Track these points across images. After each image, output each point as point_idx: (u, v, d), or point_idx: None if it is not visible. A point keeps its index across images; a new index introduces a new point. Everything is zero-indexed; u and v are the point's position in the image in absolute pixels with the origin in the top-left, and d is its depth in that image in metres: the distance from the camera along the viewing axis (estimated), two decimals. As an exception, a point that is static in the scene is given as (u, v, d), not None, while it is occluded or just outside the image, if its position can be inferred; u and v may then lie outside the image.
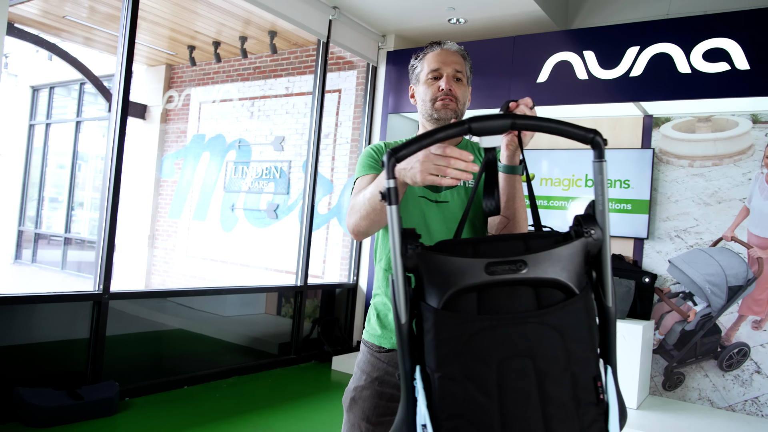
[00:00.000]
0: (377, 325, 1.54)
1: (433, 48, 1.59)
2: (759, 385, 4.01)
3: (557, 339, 0.97)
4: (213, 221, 6.97)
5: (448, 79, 1.55)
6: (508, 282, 0.97)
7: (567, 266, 1.02)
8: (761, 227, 4.07)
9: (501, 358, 0.96)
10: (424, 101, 1.58)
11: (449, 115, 1.55)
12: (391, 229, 0.99)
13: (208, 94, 7.24)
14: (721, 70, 3.78)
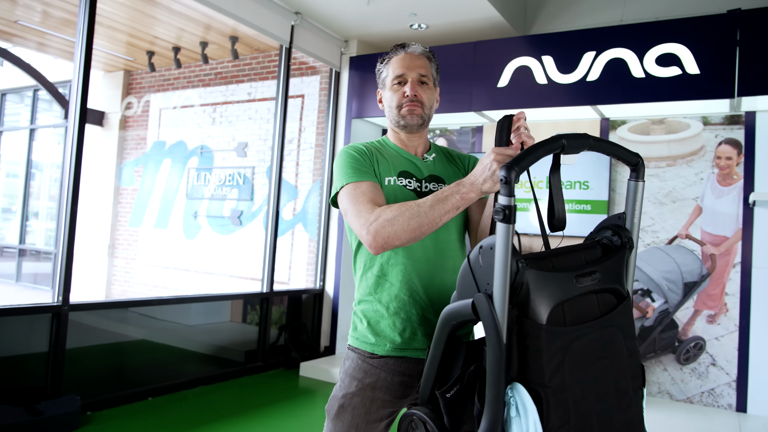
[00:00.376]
0: (368, 332, 1.51)
1: (398, 52, 1.58)
2: (715, 377, 4.16)
3: (621, 338, 1.12)
4: (175, 229, 6.85)
5: (413, 84, 1.54)
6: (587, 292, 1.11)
7: (619, 273, 1.18)
8: (713, 225, 4.23)
9: (591, 362, 1.08)
10: (390, 107, 1.58)
11: (416, 121, 1.55)
12: (505, 248, 1.03)
13: (169, 100, 7.12)
14: (672, 75, 3.92)
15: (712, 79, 3.80)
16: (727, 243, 4.18)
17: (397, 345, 1.47)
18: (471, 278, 1.13)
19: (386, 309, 1.48)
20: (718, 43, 3.80)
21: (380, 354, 1.48)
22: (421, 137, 1.62)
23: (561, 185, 1.24)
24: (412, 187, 1.52)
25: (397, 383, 1.47)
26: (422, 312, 1.47)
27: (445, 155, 1.66)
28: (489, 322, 1.05)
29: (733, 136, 4.21)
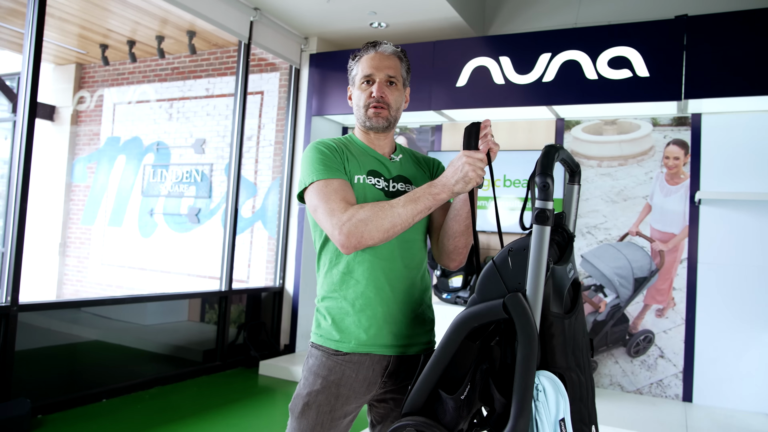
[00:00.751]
0: (333, 329, 1.51)
1: (369, 50, 1.58)
2: (663, 369, 4.33)
3: (583, 317, 1.35)
4: (130, 227, 6.70)
5: (380, 85, 1.54)
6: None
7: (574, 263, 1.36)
8: (662, 222, 4.40)
9: (580, 342, 1.28)
10: (357, 106, 1.58)
11: (381, 124, 1.56)
12: (541, 248, 1.14)
13: (123, 94, 6.95)
14: (624, 77, 4.05)
15: (661, 82, 3.95)
16: (675, 240, 4.35)
17: (363, 342, 1.48)
18: (498, 280, 1.20)
19: (352, 306, 1.49)
20: (666, 48, 3.95)
21: (345, 351, 1.49)
22: (388, 137, 1.63)
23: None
24: (380, 187, 1.53)
25: (362, 379, 1.49)
26: (388, 309, 1.49)
27: (410, 157, 1.68)
28: (525, 319, 1.13)
29: (681, 137, 4.38)
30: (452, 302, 4.59)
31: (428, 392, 1.27)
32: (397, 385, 1.53)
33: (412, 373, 1.49)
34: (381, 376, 1.50)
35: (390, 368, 1.50)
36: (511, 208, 4.79)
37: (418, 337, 1.55)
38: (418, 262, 1.56)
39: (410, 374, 1.50)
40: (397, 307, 1.50)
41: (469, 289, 4.47)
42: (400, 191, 1.55)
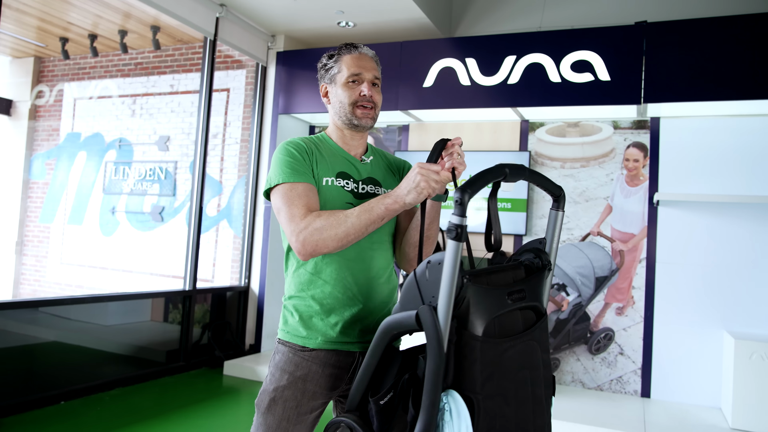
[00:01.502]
0: (300, 326, 1.52)
1: (350, 51, 1.60)
2: (622, 366, 4.44)
3: (539, 351, 1.25)
4: (91, 225, 6.54)
5: (369, 84, 1.58)
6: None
7: (540, 292, 1.31)
8: (622, 223, 4.51)
9: (515, 372, 1.20)
10: (342, 104, 1.58)
11: (369, 124, 1.59)
12: (453, 264, 1.11)
13: (84, 89, 6.78)
14: (586, 81, 4.15)
15: (621, 86, 4.05)
16: (634, 240, 4.47)
17: (330, 339, 1.50)
18: (416, 291, 1.20)
19: (320, 305, 1.51)
20: (626, 53, 4.05)
21: (311, 347, 1.50)
22: (363, 137, 1.65)
23: (498, 209, 1.39)
24: (349, 188, 1.54)
25: (328, 375, 1.50)
26: (355, 310, 1.51)
27: (381, 158, 1.69)
28: (432, 333, 1.12)
29: (640, 139, 4.50)
30: (418, 301, 4.61)
31: (362, 392, 1.30)
32: None
33: None
34: (347, 372, 1.52)
35: (356, 365, 1.52)
36: (477, 208, 4.85)
37: None
38: (386, 263, 1.58)
39: None
40: (365, 306, 1.52)
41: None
42: (369, 193, 1.57)
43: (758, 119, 4.17)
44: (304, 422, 1.49)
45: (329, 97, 1.63)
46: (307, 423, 1.50)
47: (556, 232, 1.39)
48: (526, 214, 4.69)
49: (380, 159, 1.68)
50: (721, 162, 4.24)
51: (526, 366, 1.22)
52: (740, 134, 4.22)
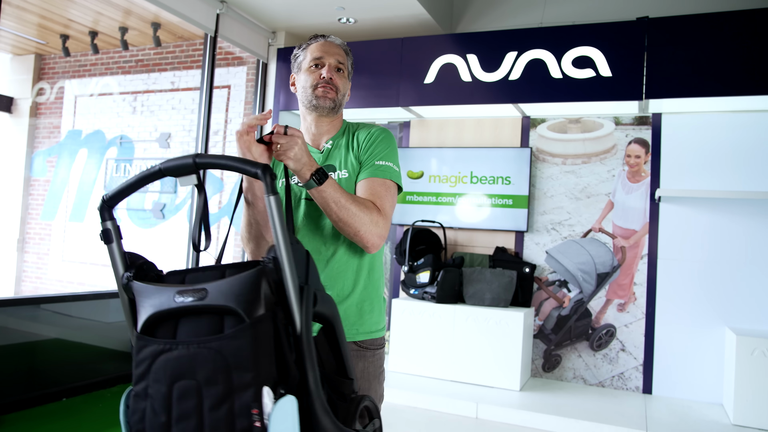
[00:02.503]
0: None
1: (317, 39, 1.64)
2: (624, 362, 4.44)
3: (219, 364, 1.00)
4: (92, 223, 6.54)
5: (330, 68, 1.59)
6: (195, 309, 1.03)
7: (244, 294, 1.04)
8: (623, 219, 4.50)
9: (172, 379, 1.02)
10: (304, 88, 1.60)
11: (328, 104, 1.58)
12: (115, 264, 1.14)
13: (85, 87, 6.78)
14: (587, 76, 4.13)
15: (623, 82, 4.04)
16: (636, 236, 4.46)
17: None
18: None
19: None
20: (628, 48, 4.04)
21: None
22: (331, 122, 1.64)
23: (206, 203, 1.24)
24: (295, 181, 1.56)
25: None
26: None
27: (349, 133, 1.64)
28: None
29: (642, 135, 4.49)
30: (419, 298, 4.62)
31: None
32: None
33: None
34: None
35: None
36: (478, 204, 4.84)
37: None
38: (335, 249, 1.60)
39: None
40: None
41: (436, 284, 4.50)
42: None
43: (761, 115, 4.16)
44: None
45: (296, 86, 1.65)
46: None
47: (275, 219, 1.08)
48: (528, 210, 4.68)
49: (348, 136, 1.63)
50: (723, 158, 4.23)
51: (193, 377, 1.02)
52: (743, 130, 4.20)
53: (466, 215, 4.90)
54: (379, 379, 1.61)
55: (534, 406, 3.92)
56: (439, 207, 4.96)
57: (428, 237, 4.96)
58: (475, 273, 4.49)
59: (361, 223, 1.43)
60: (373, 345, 1.60)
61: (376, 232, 1.46)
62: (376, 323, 1.62)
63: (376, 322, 1.61)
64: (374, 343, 1.60)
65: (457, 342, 4.37)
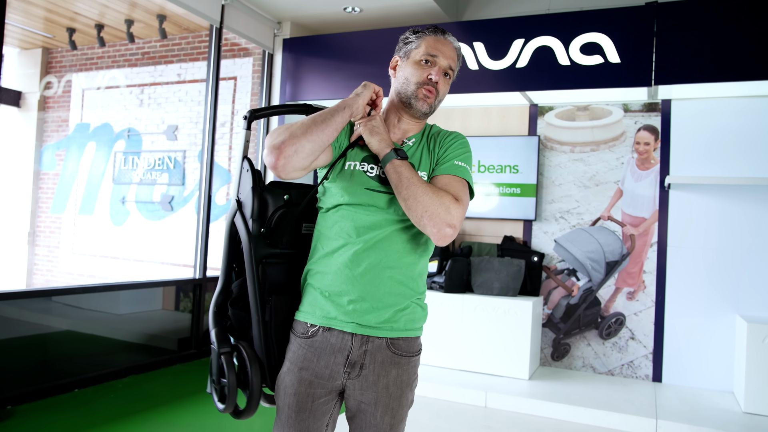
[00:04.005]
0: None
1: (436, 33, 1.55)
2: (633, 350, 4.42)
3: None
4: (102, 215, 6.58)
5: (440, 71, 1.52)
6: None
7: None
8: (632, 207, 4.47)
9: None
10: (407, 80, 1.53)
11: (425, 109, 1.51)
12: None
13: (92, 80, 6.79)
14: (595, 63, 4.09)
15: (632, 68, 4.00)
16: (645, 224, 4.43)
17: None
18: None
19: None
20: (636, 34, 3.99)
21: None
22: (415, 123, 1.57)
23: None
24: (373, 174, 1.48)
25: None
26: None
27: (429, 136, 1.58)
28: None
29: (651, 122, 4.45)
30: (428, 287, 4.62)
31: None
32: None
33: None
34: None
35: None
36: (486, 194, 4.82)
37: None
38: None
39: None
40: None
41: (444, 274, 4.49)
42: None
43: (772, 100, 4.11)
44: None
45: (396, 71, 1.58)
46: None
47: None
48: (536, 199, 4.66)
49: (428, 139, 1.57)
50: (734, 144, 4.18)
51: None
52: (754, 116, 4.15)
53: (474, 204, 4.88)
54: (412, 386, 1.52)
55: (543, 394, 3.92)
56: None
57: (436, 227, 4.95)
58: (483, 262, 4.48)
59: (430, 204, 1.36)
60: (409, 351, 1.49)
61: (447, 219, 1.36)
62: (412, 320, 1.50)
63: (413, 319, 1.50)
64: (411, 348, 1.50)
65: (465, 331, 4.37)
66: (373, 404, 1.45)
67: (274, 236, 1.51)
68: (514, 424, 3.62)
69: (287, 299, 1.52)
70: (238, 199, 1.50)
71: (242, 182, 1.50)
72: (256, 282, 1.44)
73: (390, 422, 1.47)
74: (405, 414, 1.52)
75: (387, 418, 1.46)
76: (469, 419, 3.67)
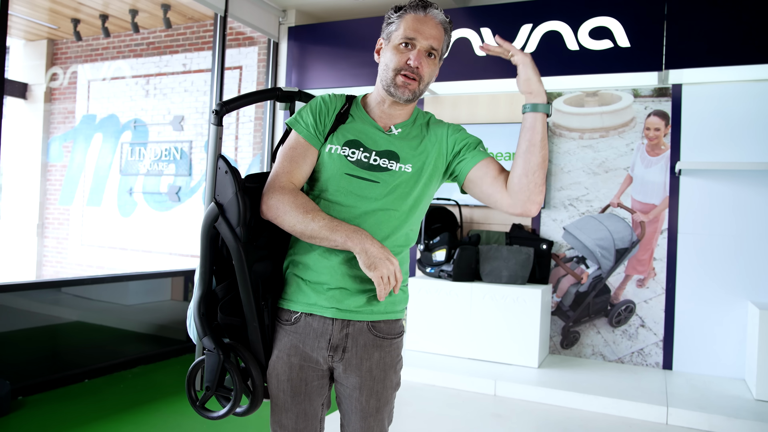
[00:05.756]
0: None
1: (417, 10, 1.45)
2: (643, 338, 4.39)
3: None
4: (109, 206, 6.59)
5: (419, 54, 1.43)
6: None
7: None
8: (642, 194, 4.42)
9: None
10: (387, 67, 1.46)
11: (406, 96, 1.45)
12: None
13: (98, 71, 6.78)
14: (605, 48, 4.03)
15: (641, 52, 3.93)
16: (656, 210, 4.38)
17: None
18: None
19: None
20: (646, 17, 3.92)
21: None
22: (403, 109, 1.52)
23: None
24: (354, 158, 1.46)
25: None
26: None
27: (421, 129, 1.54)
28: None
29: (661, 107, 4.38)
30: (436, 276, 4.60)
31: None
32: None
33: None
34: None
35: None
36: (493, 181, 4.77)
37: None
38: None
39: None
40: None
41: (452, 263, 4.47)
42: (381, 167, 1.46)
43: (785, 83, 4.03)
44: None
45: (380, 55, 1.50)
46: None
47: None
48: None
49: (419, 128, 1.53)
50: (746, 129, 4.12)
51: None
52: (766, 99, 4.08)
53: (482, 192, 4.84)
54: (396, 368, 1.53)
55: (552, 382, 3.90)
56: (455, 185, 4.89)
57: (444, 215, 4.92)
58: (491, 250, 4.45)
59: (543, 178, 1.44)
60: (390, 333, 1.51)
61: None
62: (392, 303, 1.50)
63: (393, 302, 1.50)
64: (392, 331, 1.51)
65: (474, 320, 4.35)
66: (358, 388, 1.47)
67: (257, 235, 1.49)
68: (524, 412, 3.61)
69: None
70: (219, 203, 1.43)
71: (221, 184, 1.44)
72: (250, 290, 1.42)
73: (375, 405, 1.49)
74: (391, 396, 1.53)
75: (372, 401, 1.48)
76: (478, 407, 3.67)
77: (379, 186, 1.45)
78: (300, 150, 1.47)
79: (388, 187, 1.45)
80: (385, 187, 1.45)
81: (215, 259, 1.48)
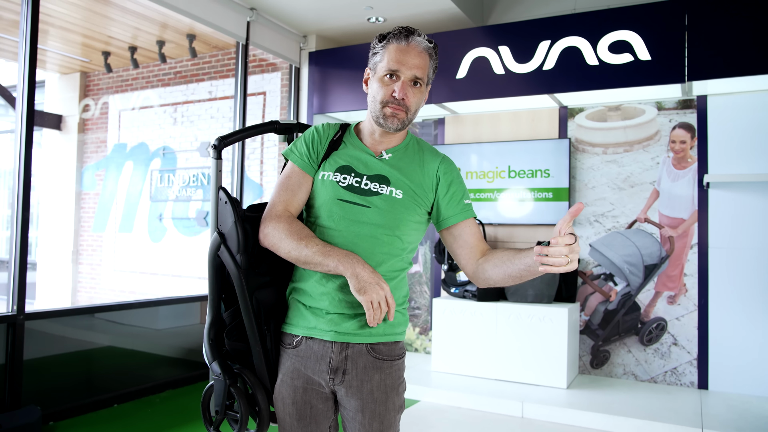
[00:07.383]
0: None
1: (400, 40, 1.45)
2: (677, 357, 4.26)
3: None
4: (140, 233, 6.74)
5: (404, 86, 1.44)
6: None
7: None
8: (670, 208, 4.32)
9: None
10: (374, 99, 1.47)
11: (395, 125, 1.46)
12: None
13: (127, 101, 6.99)
14: (625, 61, 3.98)
15: (664, 65, 3.88)
16: (684, 225, 4.27)
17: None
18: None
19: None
20: (667, 29, 3.87)
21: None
22: (393, 137, 1.54)
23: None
24: (345, 184, 1.49)
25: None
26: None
27: (414, 154, 1.56)
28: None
29: (686, 120, 4.30)
30: (460, 296, 4.55)
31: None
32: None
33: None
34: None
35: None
36: (520, 199, 4.74)
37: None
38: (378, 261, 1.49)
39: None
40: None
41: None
42: (372, 191, 1.48)
43: (815, 91, 3.92)
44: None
45: (368, 86, 1.51)
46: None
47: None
48: (568, 203, 4.55)
49: (411, 155, 1.55)
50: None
51: None
52: (796, 108, 3.97)
53: (506, 211, 4.80)
54: (398, 390, 1.52)
55: (582, 404, 3.80)
56: (478, 204, 4.88)
57: (467, 234, 4.89)
58: (516, 269, 4.39)
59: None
60: (390, 355, 1.51)
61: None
62: (391, 326, 1.50)
63: (391, 324, 1.50)
64: (392, 352, 1.51)
65: (500, 340, 4.29)
66: (360, 411, 1.48)
67: (259, 262, 1.52)
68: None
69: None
70: (220, 232, 1.51)
71: (222, 214, 1.52)
72: (252, 315, 1.45)
73: (379, 428, 1.48)
74: (394, 419, 1.52)
75: (375, 423, 1.48)
76: (505, 430, 3.59)
77: (371, 210, 1.47)
78: (295, 179, 1.52)
79: (380, 211, 1.47)
80: (376, 211, 1.47)
81: (222, 286, 1.51)
